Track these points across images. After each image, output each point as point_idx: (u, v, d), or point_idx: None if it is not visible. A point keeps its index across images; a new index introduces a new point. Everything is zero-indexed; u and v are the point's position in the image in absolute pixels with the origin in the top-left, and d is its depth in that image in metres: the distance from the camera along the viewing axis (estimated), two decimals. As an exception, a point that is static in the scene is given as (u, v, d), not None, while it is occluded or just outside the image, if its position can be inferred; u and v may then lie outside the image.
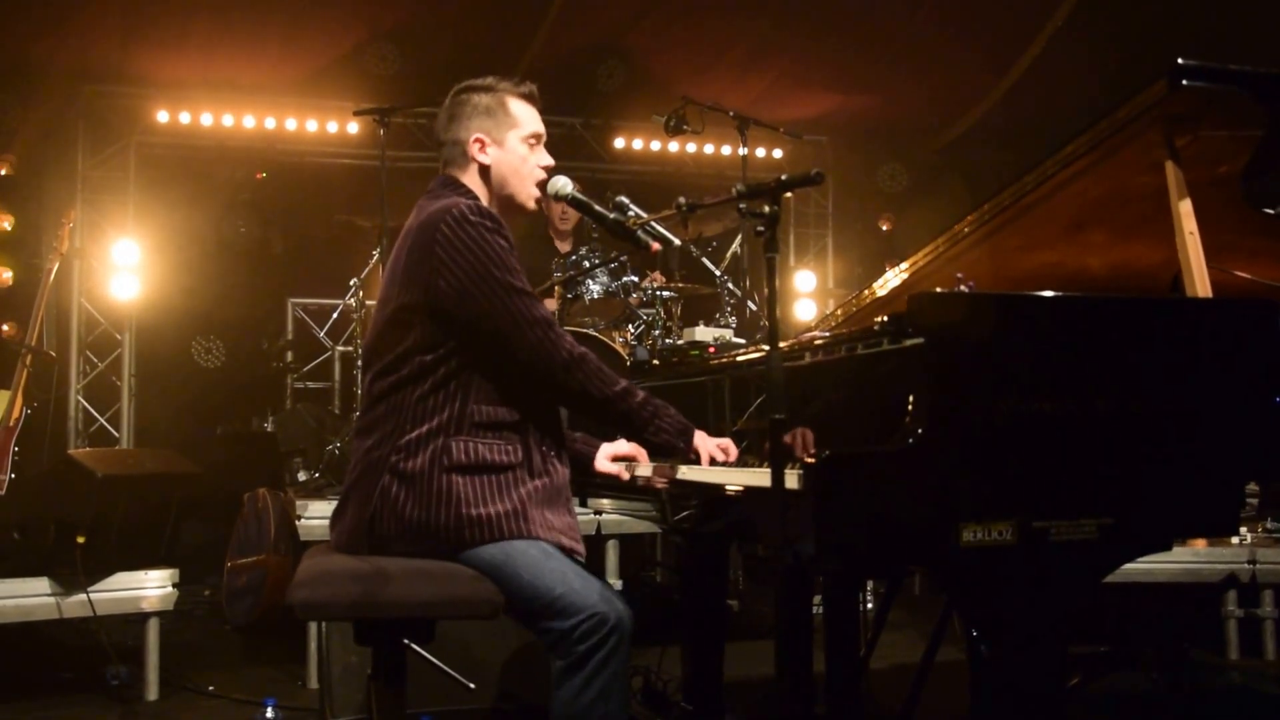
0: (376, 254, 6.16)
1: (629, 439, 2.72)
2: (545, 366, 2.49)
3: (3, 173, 7.09)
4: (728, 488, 2.45)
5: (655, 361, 3.63)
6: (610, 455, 2.78)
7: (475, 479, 2.46)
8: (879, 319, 2.26)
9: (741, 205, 2.25)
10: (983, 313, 2.15)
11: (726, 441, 2.65)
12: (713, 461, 2.58)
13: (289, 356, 7.65)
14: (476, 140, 2.67)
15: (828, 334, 2.64)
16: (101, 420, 7.44)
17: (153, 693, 4.30)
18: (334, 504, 2.65)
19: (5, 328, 6.81)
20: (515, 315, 2.46)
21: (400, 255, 2.56)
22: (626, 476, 2.77)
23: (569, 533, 2.54)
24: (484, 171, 2.68)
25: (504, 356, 2.50)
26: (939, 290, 2.30)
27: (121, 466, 4.48)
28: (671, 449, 2.60)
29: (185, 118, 7.52)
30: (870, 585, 4.75)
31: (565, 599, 2.35)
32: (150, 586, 4.34)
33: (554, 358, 2.48)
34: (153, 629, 4.33)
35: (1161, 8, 6.49)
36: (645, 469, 2.73)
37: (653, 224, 2.78)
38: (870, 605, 4.66)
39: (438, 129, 2.73)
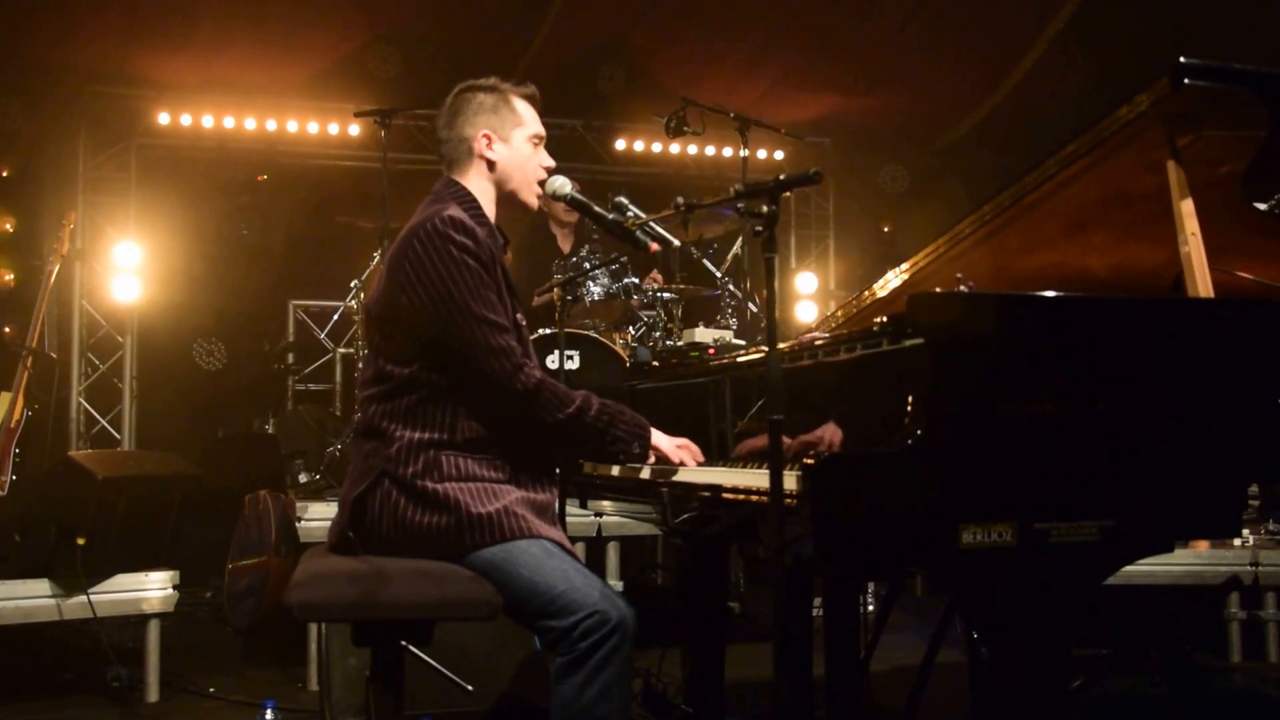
0: (377, 256, 6.15)
1: (593, 451, 2.74)
2: (501, 394, 2.49)
3: (4, 174, 7.09)
4: (727, 489, 2.44)
5: (656, 363, 3.63)
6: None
7: (468, 485, 2.47)
8: (879, 320, 2.25)
9: (740, 205, 2.25)
10: (983, 313, 2.14)
11: (685, 441, 2.68)
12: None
13: (290, 358, 7.66)
14: (484, 135, 2.67)
15: (827, 335, 2.64)
16: (103, 422, 7.45)
17: (153, 694, 4.29)
18: (334, 505, 2.65)
19: (6, 330, 6.81)
20: (472, 342, 2.45)
21: (386, 263, 2.58)
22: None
23: (563, 542, 2.54)
24: (489, 168, 2.68)
25: (464, 379, 2.49)
26: (939, 290, 2.29)
27: (122, 468, 4.47)
28: (628, 453, 2.61)
29: (186, 119, 7.54)
30: (871, 587, 4.74)
31: (566, 596, 2.35)
32: (151, 588, 4.33)
33: (509, 388, 2.48)
34: (153, 631, 4.32)
35: (1161, 10, 6.49)
36: (644, 470, 2.73)
37: (651, 224, 2.77)
38: (871, 607, 4.65)
39: (439, 127, 2.72)
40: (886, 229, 9.08)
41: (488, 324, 2.46)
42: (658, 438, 2.64)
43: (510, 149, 2.69)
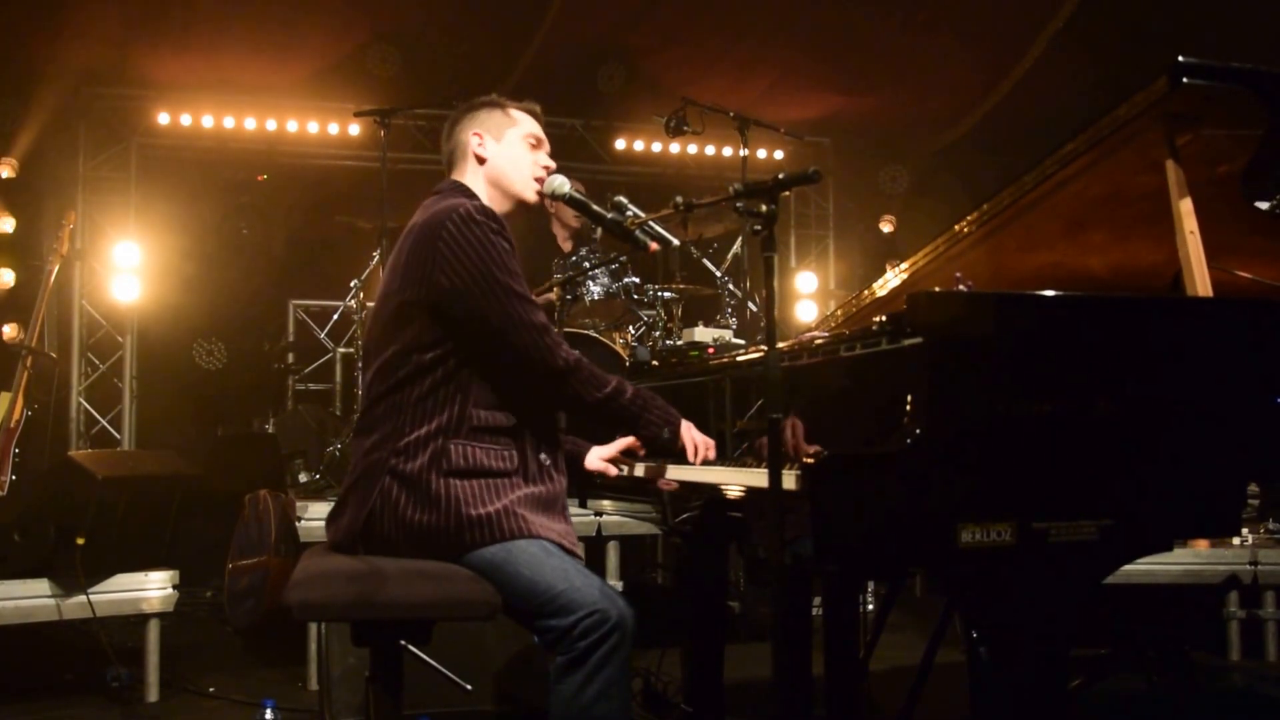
0: (377, 255, 6.16)
1: (626, 433, 2.77)
2: (540, 371, 2.51)
3: (4, 174, 7.09)
4: (726, 488, 2.44)
5: (655, 362, 3.63)
6: (601, 456, 2.82)
7: (472, 482, 2.46)
8: (878, 319, 2.25)
9: (738, 204, 2.25)
10: (982, 312, 2.14)
11: (709, 440, 2.68)
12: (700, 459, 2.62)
13: (290, 358, 7.66)
14: (475, 134, 2.70)
15: (827, 334, 2.64)
16: (103, 422, 7.45)
17: (153, 694, 4.29)
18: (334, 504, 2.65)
19: (6, 329, 6.81)
20: (513, 318, 2.47)
21: (402, 252, 2.57)
22: (614, 472, 2.81)
23: (566, 537, 2.54)
24: (481, 165, 2.70)
25: (500, 358, 2.51)
26: (938, 290, 2.29)
27: (121, 468, 4.48)
28: (659, 437, 2.64)
29: (186, 119, 7.54)
30: (871, 586, 4.74)
31: (566, 596, 2.35)
32: (151, 588, 4.34)
33: (549, 364, 2.50)
34: (153, 630, 4.33)
35: (1160, 9, 6.49)
36: (639, 468, 2.74)
37: (651, 224, 2.77)
38: (871, 606, 4.65)
39: (442, 140, 2.78)
40: (886, 229, 9.07)
41: (527, 301, 2.50)
42: (686, 425, 2.66)
43: (501, 146, 2.71)
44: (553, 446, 2.63)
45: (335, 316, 7.59)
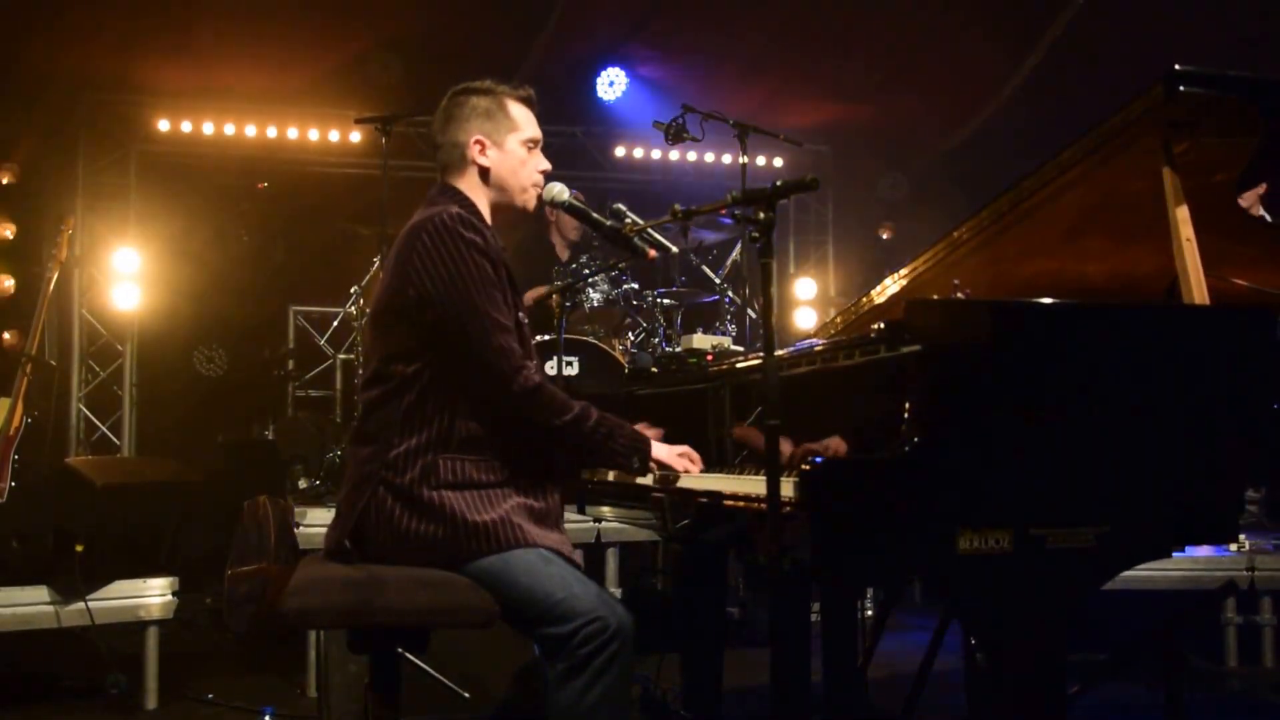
0: (377, 262, 6.16)
1: (592, 459, 2.72)
2: (498, 393, 2.48)
3: (4, 181, 7.10)
4: (725, 496, 2.45)
5: (655, 369, 3.63)
6: None
7: (466, 493, 2.46)
8: (876, 326, 2.26)
9: (735, 211, 2.26)
10: (979, 320, 2.15)
11: (685, 449, 2.65)
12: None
13: (290, 364, 7.67)
14: (476, 142, 2.64)
15: (825, 341, 2.64)
16: (103, 429, 7.45)
17: (152, 701, 4.28)
18: (333, 511, 2.65)
19: (6, 336, 6.81)
20: (476, 338, 2.45)
21: (388, 261, 2.57)
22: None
23: (563, 546, 2.53)
24: (483, 174, 2.66)
25: (465, 374, 2.48)
26: (936, 297, 2.30)
27: (121, 475, 4.48)
28: (626, 467, 2.61)
29: (186, 126, 7.56)
30: (870, 591, 4.74)
31: (565, 603, 2.34)
32: (150, 595, 4.32)
33: (505, 386, 2.47)
34: (152, 637, 4.31)
35: (1159, 15, 6.51)
36: (646, 477, 2.73)
37: (649, 230, 2.78)
38: (870, 611, 4.65)
39: (434, 131, 2.70)
40: (885, 235, 9.09)
41: (492, 322, 2.46)
42: (658, 450, 2.62)
43: (503, 154, 2.65)
44: (545, 458, 2.61)
45: (335, 323, 7.61)
